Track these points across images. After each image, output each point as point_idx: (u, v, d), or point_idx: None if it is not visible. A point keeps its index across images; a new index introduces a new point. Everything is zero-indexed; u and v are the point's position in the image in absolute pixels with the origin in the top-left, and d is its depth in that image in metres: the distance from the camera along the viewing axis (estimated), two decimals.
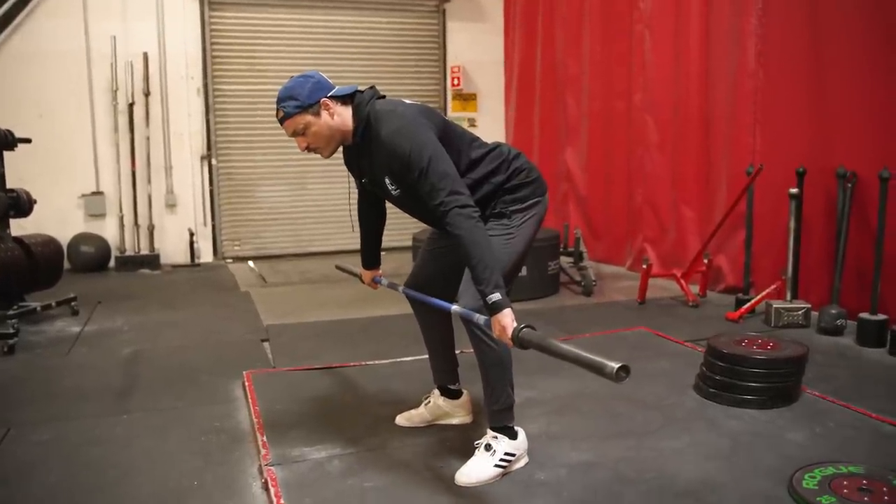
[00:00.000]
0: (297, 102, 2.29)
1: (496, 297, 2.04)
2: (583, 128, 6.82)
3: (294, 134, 2.35)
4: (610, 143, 6.48)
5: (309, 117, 2.31)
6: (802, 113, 4.54)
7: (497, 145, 2.51)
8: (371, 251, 2.87)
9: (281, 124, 2.36)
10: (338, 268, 3.33)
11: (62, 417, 3.03)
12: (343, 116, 2.35)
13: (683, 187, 5.65)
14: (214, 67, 7.14)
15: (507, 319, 2.01)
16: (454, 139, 2.38)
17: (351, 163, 2.58)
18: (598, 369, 1.65)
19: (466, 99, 8.02)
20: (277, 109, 2.33)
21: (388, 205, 2.66)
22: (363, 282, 2.95)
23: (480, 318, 2.12)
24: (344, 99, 2.36)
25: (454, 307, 2.28)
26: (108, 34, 6.62)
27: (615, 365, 1.61)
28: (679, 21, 5.54)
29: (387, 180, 2.36)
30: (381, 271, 2.91)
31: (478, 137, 2.52)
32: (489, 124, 7.91)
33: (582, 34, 6.71)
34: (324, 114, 2.32)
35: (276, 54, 7.26)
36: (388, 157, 2.26)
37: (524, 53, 7.64)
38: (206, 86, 7.09)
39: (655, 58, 5.83)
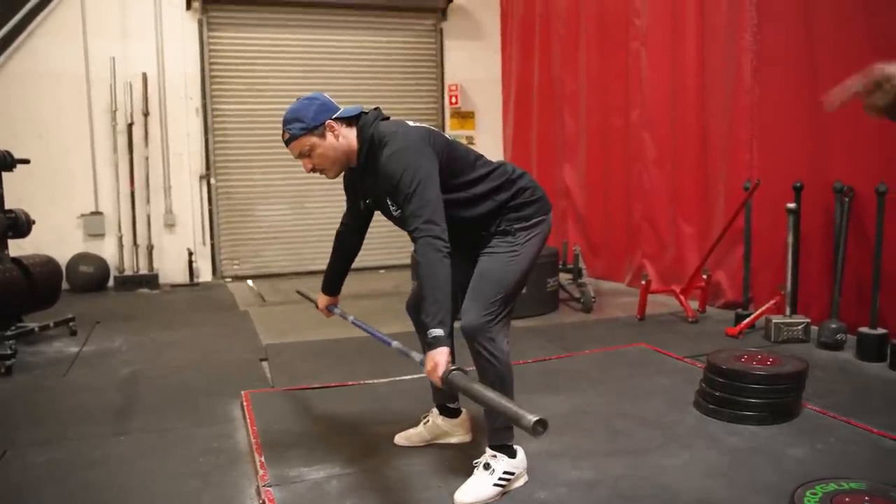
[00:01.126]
0: (302, 124, 2.32)
1: (438, 332, 2.05)
2: (581, 144, 6.85)
3: (300, 155, 2.38)
4: (608, 159, 6.50)
5: (314, 139, 2.33)
6: (799, 128, 4.56)
7: (501, 164, 2.53)
8: (337, 277, 2.85)
9: (287, 146, 2.39)
10: (298, 292, 3.32)
11: (60, 439, 3.01)
12: (348, 138, 2.38)
13: (682, 203, 5.66)
14: (213, 87, 7.17)
15: (441, 358, 2.02)
16: (458, 158, 2.41)
17: (353, 184, 2.59)
18: (516, 420, 1.66)
19: (464, 117, 8.05)
20: (283, 131, 2.36)
21: (378, 229, 2.67)
22: (318, 307, 2.92)
23: (417, 357, 2.13)
24: (349, 120, 2.39)
25: (394, 343, 2.29)
26: (107, 55, 6.67)
27: (532, 418, 1.61)
28: (675, 37, 5.58)
29: (388, 201, 2.38)
30: (338, 299, 2.89)
31: (482, 156, 2.53)
32: (487, 142, 7.92)
33: (578, 51, 6.75)
34: (329, 135, 2.34)
35: (275, 74, 7.30)
36: (384, 178, 2.28)
37: (521, 71, 7.68)
38: (204, 106, 7.12)
39: (652, 74, 5.86)
